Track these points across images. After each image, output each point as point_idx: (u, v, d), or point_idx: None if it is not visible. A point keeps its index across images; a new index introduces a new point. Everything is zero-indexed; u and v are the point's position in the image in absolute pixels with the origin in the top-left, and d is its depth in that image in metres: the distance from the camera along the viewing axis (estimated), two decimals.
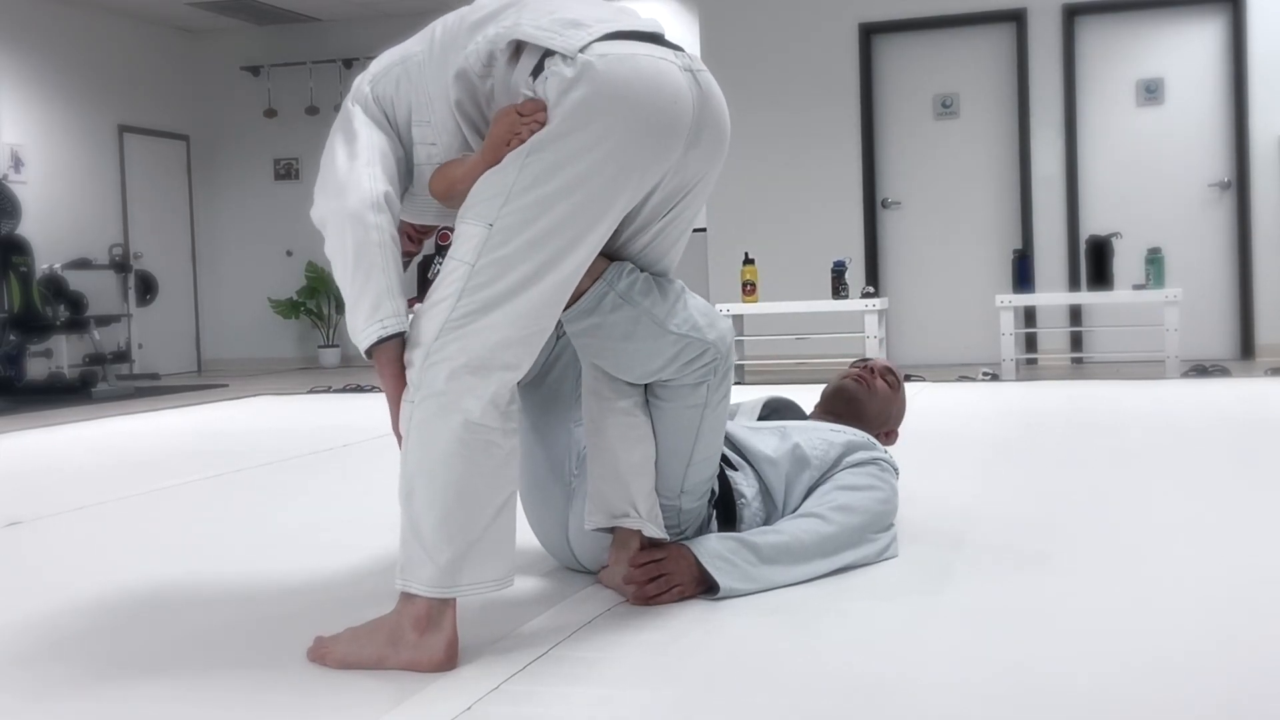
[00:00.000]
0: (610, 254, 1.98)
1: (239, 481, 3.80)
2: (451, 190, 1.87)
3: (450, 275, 1.77)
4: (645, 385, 2.06)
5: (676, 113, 1.83)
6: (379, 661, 1.76)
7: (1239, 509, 2.81)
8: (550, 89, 1.78)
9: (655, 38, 1.87)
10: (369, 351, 1.82)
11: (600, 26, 1.82)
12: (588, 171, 1.77)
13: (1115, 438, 4.16)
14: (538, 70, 1.80)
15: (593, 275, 1.93)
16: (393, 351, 1.81)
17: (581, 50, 1.77)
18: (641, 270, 1.99)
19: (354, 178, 1.87)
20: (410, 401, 1.77)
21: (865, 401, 2.58)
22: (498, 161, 1.80)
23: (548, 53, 1.79)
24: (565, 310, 1.95)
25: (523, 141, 1.78)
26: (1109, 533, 2.57)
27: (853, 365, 2.69)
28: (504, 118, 1.81)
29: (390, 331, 1.80)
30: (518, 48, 1.84)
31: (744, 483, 2.25)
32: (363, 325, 1.81)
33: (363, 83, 1.99)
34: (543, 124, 1.77)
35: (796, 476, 2.29)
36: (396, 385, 1.81)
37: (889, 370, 2.67)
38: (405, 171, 1.96)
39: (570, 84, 1.76)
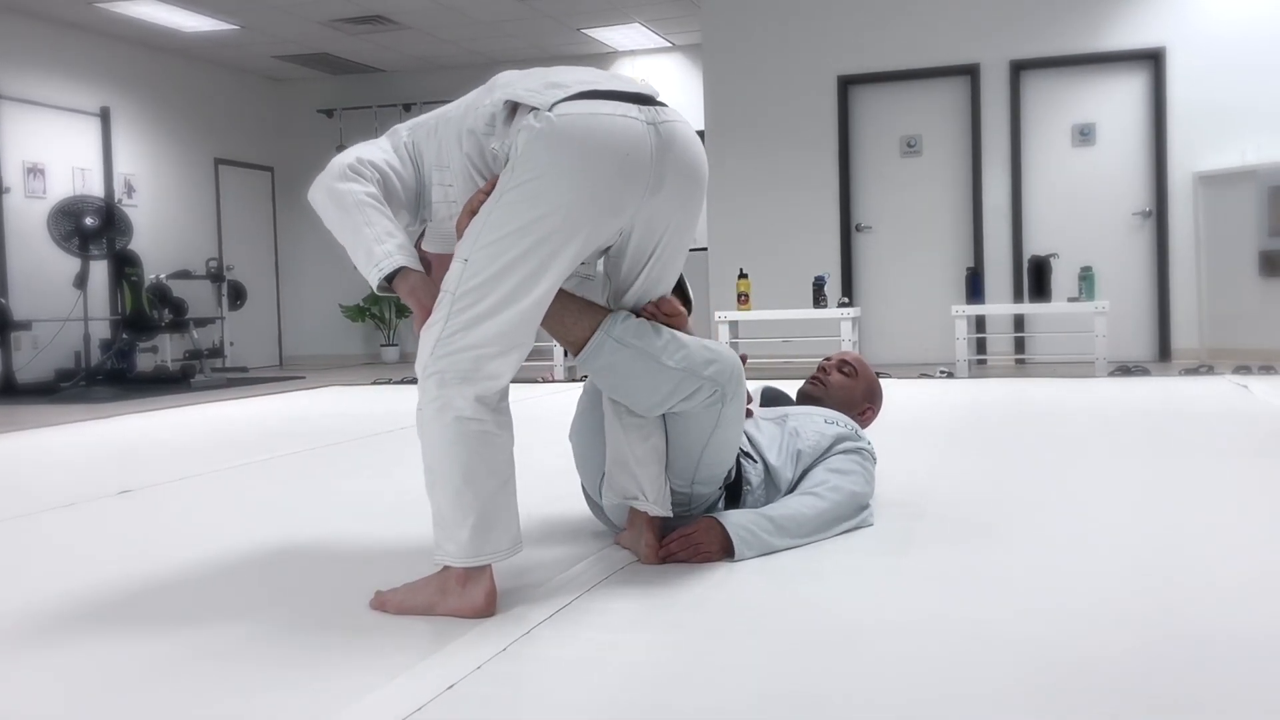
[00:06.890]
0: (616, 291, 1.96)
1: (314, 456, 3.82)
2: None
3: (440, 303, 1.77)
4: None
5: (630, 163, 1.76)
6: (429, 608, 1.76)
7: (1156, 486, 2.80)
8: (520, 141, 1.75)
9: (634, 96, 1.80)
10: (384, 289, 1.83)
11: (577, 87, 1.77)
12: (543, 214, 1.73)
13: (1052, 426, 4.14)
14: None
15: (593, 325, 1.93)
16: (403, 281, 1.81)
17: (551, 108, 1.73)
18: (636, 314, 1.96)
19: (331, 163, 1.90)
20: (419, 409, 1.77)
21: (822, 399, 2.61)
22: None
23: (530, 110, 1.76)
24: (576, 355, 1.96)
25: (474, 210, 1.78)
26: (1046, 505, 2.56)
27: (822, 361, 2.69)
28: (474, 195, 1.82)
29: (388, 270, 1.80)
30: (514, 108, 1.81)
31: (753, 472, 2.26)
32: (366, 272, 1.82)
33: (401, 128, 2.00)
34: (489, 190, 1.77)
35: (796, 469, 2.32)
36: (417, 302, 1.81)
37: (845, 362, 2.65)
38: (414, 197, 1.96)
39: (532, 138, 1.73)
